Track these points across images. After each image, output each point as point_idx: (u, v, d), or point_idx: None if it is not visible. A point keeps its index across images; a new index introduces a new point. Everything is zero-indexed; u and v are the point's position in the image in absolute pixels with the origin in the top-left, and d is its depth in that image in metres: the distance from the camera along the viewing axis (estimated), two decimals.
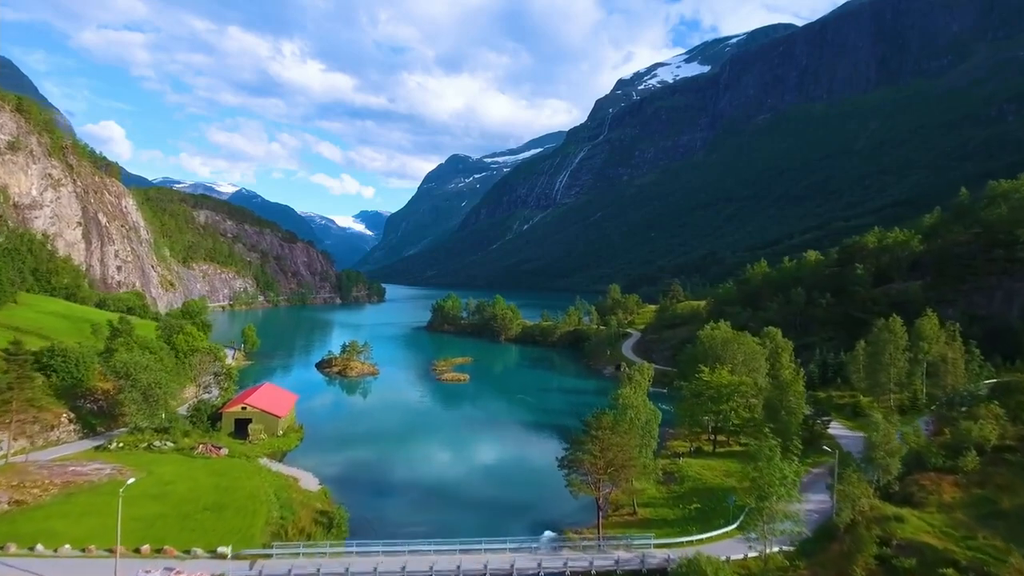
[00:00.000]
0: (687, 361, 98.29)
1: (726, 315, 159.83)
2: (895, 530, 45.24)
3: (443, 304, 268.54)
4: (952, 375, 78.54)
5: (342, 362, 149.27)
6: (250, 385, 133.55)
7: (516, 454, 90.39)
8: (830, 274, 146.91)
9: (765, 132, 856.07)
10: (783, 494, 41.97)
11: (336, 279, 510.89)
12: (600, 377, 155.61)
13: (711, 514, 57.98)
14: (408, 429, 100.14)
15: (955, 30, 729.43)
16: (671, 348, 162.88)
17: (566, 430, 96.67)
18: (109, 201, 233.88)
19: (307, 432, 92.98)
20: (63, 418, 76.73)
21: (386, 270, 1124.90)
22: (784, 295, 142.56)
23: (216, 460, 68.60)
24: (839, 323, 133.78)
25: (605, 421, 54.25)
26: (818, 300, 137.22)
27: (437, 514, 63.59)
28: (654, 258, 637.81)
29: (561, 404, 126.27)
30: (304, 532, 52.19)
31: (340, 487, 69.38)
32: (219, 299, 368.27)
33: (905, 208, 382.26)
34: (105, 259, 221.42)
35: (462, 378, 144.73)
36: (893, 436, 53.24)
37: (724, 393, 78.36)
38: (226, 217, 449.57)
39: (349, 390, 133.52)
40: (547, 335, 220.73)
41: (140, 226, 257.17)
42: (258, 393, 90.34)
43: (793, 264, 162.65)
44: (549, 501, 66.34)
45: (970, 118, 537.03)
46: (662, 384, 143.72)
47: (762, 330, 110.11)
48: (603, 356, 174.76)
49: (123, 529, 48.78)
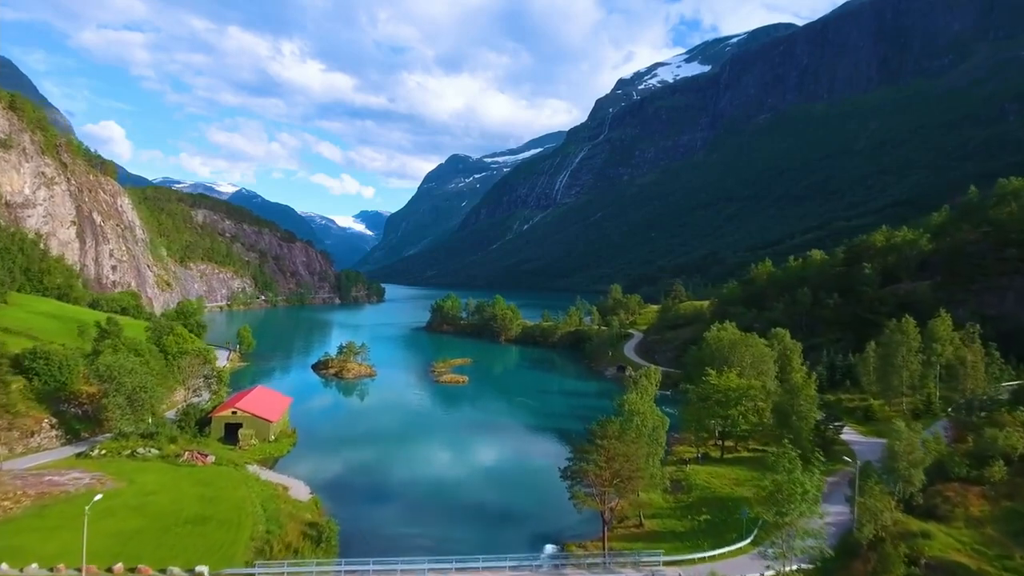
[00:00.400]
0: (693, 363, 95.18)
1: (730, 316, 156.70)
2: (923, 547, 42.22)
3: (442, 304, 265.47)
4: (972, 378, 75.36)
5: (339, 364, 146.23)
6: (245, 387, 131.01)
7: (516, 460, 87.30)
8: (836, 274, 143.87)
9: (765, 132, 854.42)
10: (804, 510, 38.86)
11: (335, 279, 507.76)
12: (602, 379, 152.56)
13: (722, 527, 54.90)
14: (404, 433, 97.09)
15: (956, 30, 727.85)
16: (674, 349, 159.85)
17: (568, 434, 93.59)
18: (104, 200, 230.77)
19: (301, 436, 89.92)
20: (44, 424, 73.68)
21: (386, 270, 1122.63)
22: (790, 295, 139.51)
23: (202, 468, 65.52)
24: (847, 324, 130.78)
25: (611, 429, 51.19)
26: (825, 300, 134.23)
27: (433, 525, 60.53)
28: (654, 258, 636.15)
29: (562, 407, 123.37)
30: (291, 547, 49.10)
31: (332, 496, 66.36)
32: (217, 299, 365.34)
33: (906, 208, 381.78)
34: (100, 259, 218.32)
35: (461, 380, 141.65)
36: (917, 445, 50.11)
37: (732, 397, 75.27)
38: (224, 217, 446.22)
39: (345, 392, 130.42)
40: (547, 336, 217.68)
41: (136, 225, 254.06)
42: (249, 397, 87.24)
43: (798, 264, 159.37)
44: (551, 510, 63.30)
45: (971, 118, 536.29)
46: (665, 387, 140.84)
47: (768, 331, 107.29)
48: (605, 357, 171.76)
49: (97, 545, 45.75)
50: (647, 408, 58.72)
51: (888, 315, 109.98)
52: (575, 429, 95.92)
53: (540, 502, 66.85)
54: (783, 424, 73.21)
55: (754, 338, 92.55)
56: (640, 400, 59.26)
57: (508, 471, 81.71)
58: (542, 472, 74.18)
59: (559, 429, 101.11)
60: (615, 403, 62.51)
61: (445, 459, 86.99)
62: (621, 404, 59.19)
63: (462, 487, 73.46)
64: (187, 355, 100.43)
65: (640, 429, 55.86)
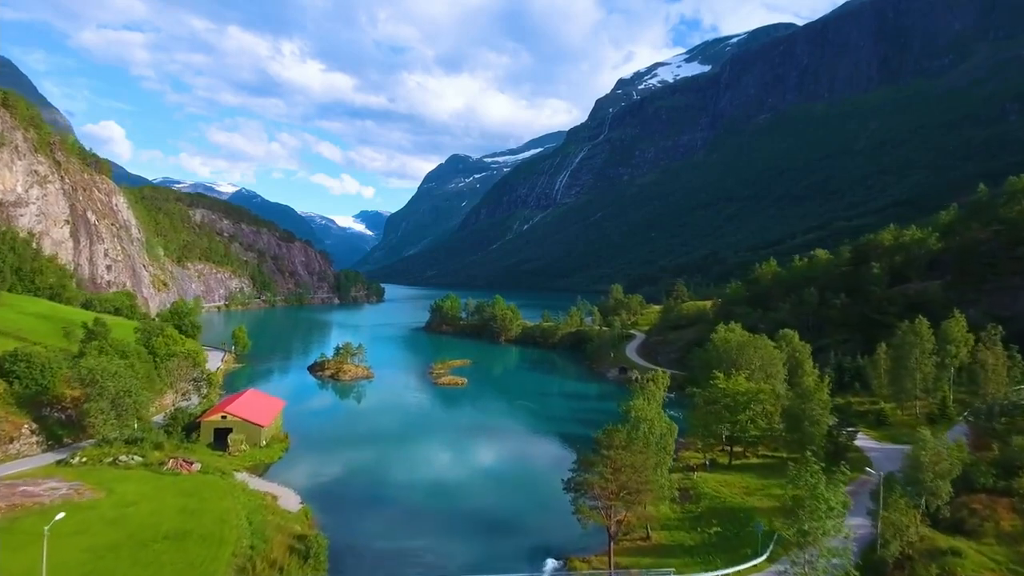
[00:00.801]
0: (700, 366, 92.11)
1: (734, 316, 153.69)
2: (955, 567, 39.22)
3: (442, 304, 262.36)
4: (993, 382, 72.31)
5: (335, 365, 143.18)
6: (240, 389, 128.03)
7: (517, 467, 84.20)
8: (843, 273, 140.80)
9: (765, 132, 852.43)
10: (829, 529, 35.82)
11: (334, 279, 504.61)
12: (604, 381, 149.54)
13: (735, 540, 51.84)
14: (401, 437, 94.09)
15: (956, 29, 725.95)
16: (678, 351, 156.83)
17: (570, 439, 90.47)
18: (99, 199, 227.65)
19: (294, 441, 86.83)
20: (24, 429, 70.57)
21: (386, 270, 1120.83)
22: (796, 295, 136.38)
23: (187, 477, 62.45)
24: (855, 325, 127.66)
25: (617, 439, 48.12)
26: (832, 301, 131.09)
27: (429, 537, 57.52)
28: (654, 258, 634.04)
29: (564, 410, 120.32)
30: (276, 565, 46.00)
31: (324, 505, 63.36)
32: (215, 299, 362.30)
33: (907, 208, 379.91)
34: (94, 258, 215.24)
35: (460, 382, 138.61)
36: (943, 454, 47.03)
37: (741, 402, 72.21)
38: (223, 216, 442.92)
39: (341, 395, 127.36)
40: (548, 336, 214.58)
41: (132, 224, 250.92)
42: (240, 400, 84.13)
43: (804, 263, 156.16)
44: (553, 520, 60.15)
45: (971, 118, 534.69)
46: (669, 388, 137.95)
47: (774, 332, 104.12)
48: (606, 359, 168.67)
49: (69, 560, 42.88)
50: (655, 414, 55.67)
51: (897, 315, 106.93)
52: (578, 433, 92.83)
53: (542, 511, 63.80)
54: (794, 429, 70.18)
55: (763, 339, 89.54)
56: (647, 406, 56.20)
57: (508, 478, 78.63)
58: (544, 479, 71.15)
59: (561, 433, 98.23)
60: (620, 408, 59.44)
61: (442, 465, 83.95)
62: (627, 410, 56.11)
63: (460, 495, 70.43)
64: (175, 357, 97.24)
65: (648, 437, 52.85)
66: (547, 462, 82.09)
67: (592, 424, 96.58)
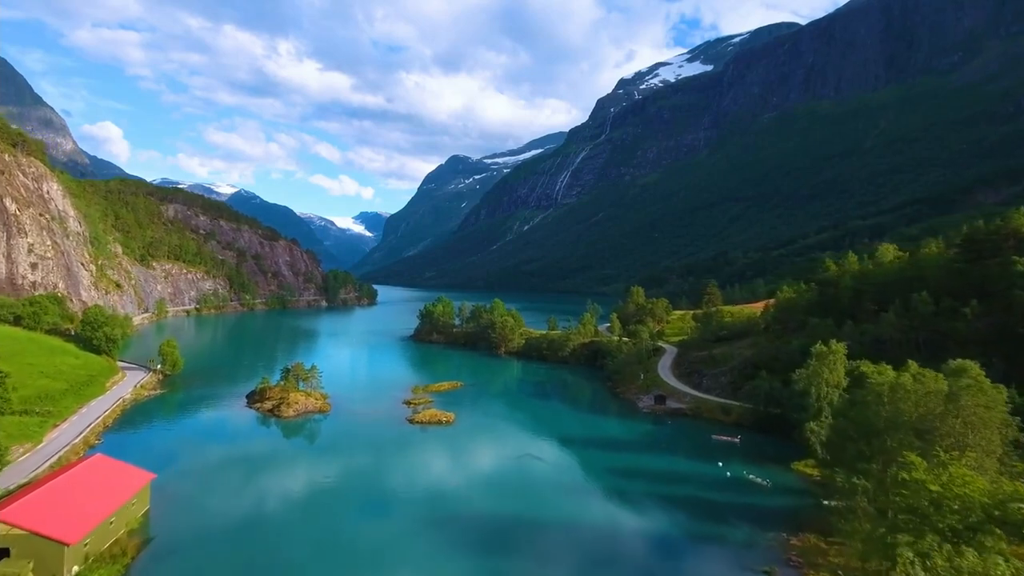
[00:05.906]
0: (840, 438, 54.53)
1: (801, 327, 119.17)
2: None
3: (432, 309, 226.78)
4: None
5: (279, 393, 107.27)
6: (147, 424, 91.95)
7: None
8: (960, 271, 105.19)
9: (771, 131, 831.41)
10: None
11: (322, 280, 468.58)
12: (635, 413, 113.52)
13: None
14: (335, 544, 58.27)
15: (967, 25, 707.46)
16: (729, 372, 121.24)
17: (611, 535, 55.24)
18: (23, 184, 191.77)
19: (159, 542, 51.48)
20: None
21: (385, 271, 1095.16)
22: (903, 301, 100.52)
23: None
24: (992, 342, 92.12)
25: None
26: (958, 309, 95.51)
27: None
28: (658, 259, 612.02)
29: (596, 470, 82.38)
30: None
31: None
32: (184, 302, 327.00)
33: (925, 206, 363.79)
34: (13, 254, 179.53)
35: (445, 419, 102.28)
36: None
37: (974, 522, 36.54)
38: (199, 212, 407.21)
39: (273, 444, 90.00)
40: (556, 348, 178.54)
41: (69, 216, 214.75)
42: (41, 492, 48.16)
43: (904, 258, 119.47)
44: None
45: (985, 115, 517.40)
46: (723, 424, 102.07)
47: (873, 351, 68.58)
48: (635, 380, 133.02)
49: None
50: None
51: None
52: (623, 524, 57.64)
53: None
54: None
55: (981, 382, 52.88)
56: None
57: None
58: None
59: (592, 526, 61.70)
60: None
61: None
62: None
63: None
64: None
65: None
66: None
67: (645, 509, 60.98)
